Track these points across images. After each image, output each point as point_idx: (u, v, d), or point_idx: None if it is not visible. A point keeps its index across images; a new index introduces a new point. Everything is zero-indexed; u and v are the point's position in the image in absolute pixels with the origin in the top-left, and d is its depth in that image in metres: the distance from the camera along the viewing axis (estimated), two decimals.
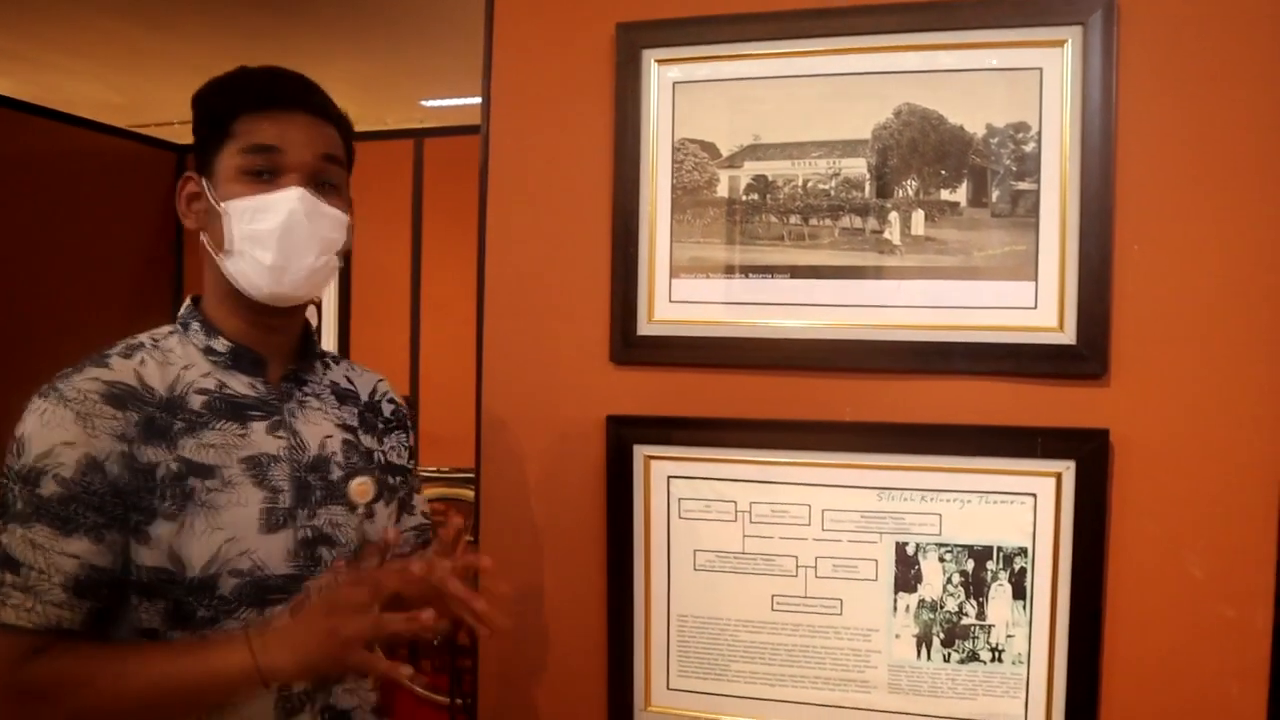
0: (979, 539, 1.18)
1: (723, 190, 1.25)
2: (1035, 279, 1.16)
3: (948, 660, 1.19)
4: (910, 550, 1.20)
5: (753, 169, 1.24)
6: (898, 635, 1.20)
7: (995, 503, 1.17)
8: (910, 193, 1.20)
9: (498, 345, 1.34)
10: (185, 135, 1.03)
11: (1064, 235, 1.14)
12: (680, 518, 1.26)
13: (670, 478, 1.26)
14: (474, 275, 1.35)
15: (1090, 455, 1.13)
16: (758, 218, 1.24)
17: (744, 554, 1.25)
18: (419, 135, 3.50)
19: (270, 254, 0.96)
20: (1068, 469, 1.14)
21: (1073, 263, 1.14)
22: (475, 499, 1.36)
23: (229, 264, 0.98)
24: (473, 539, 1.28)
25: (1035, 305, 1.16)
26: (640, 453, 1.26)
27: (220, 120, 0.98)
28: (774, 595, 1.24)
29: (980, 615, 1.18)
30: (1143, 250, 1.13)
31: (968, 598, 1.18)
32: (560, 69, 1.31)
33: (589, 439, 1.29)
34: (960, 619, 1.19)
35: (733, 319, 1.24)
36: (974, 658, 1.18)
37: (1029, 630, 1.16)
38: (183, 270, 3.55)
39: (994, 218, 1.17)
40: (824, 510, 1.22)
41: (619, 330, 1.27)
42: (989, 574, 1.18)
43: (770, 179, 1.24)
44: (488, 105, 1.34)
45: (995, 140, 1.17)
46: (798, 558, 1.23)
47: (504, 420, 1.34)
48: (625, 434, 1.26)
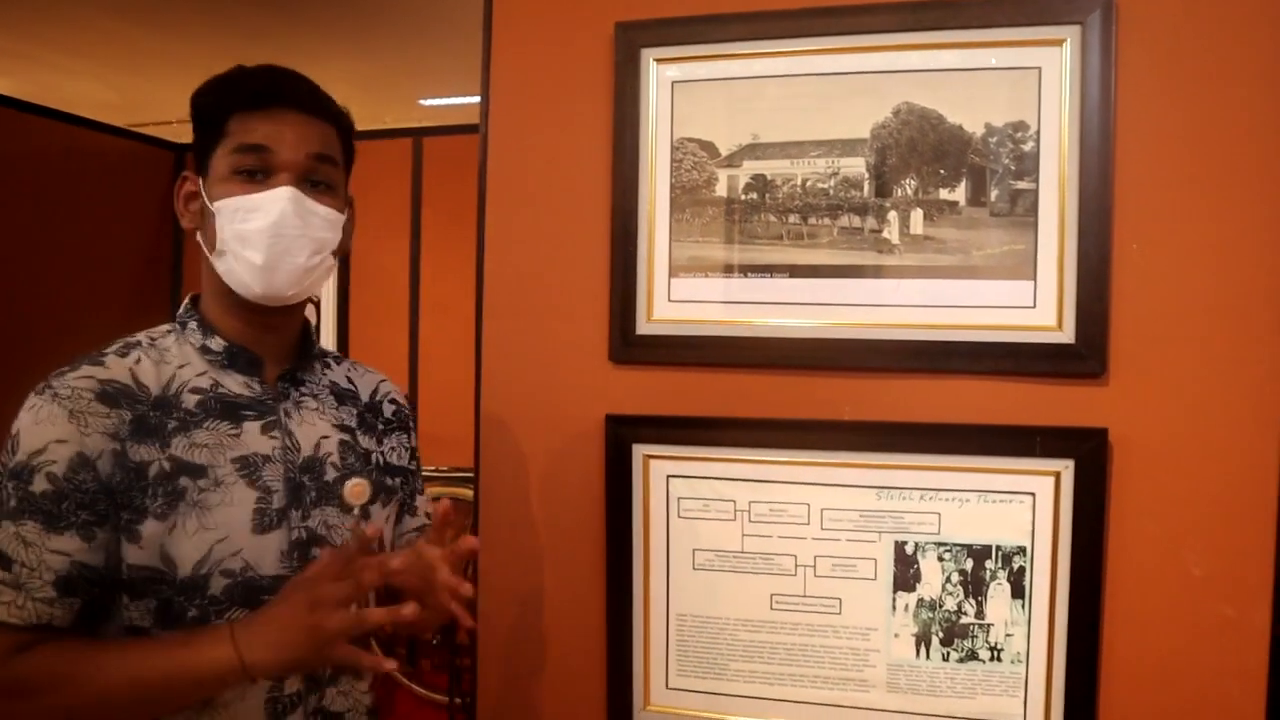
0: (978, 538, 1.18)
1: (721, 189, 1.25)
2: (1034, 278, 1.16)
3: (946, 659, 1.19)
4: (909, 549, 1.20)
5: (751, 168, 1.24)
6: (897, 634, 1.21)
7: (994, 502, 1.17)
8: (909, 192, 1.20)
9: (497, 344, 1.34)
10: (184, 134, 1.03)
11: (1063, 234, 1.15)
12: (679, 517, 1.26)
13: (669, 477, 1.26)
14: (473, 274, 1.35)
15: (1089, 454, 1.13)
16: (756, 217, 1.24)
17: (743, 553, 1.25)
18: (418, 134, 3.50)
19: (259, 254, 0.95)
20: (1066, 468, 1.14)
21: (1071, 262, 1.14)
22: (474, 498, 1.36)
23: (220, 264, 0.98)
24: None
25: (1034, 304, 1.16)
26: (639, 452, 1.26)
27: (215, 119, 0.98)
28: (773, 594, 1.24)
29: (979, 614, 1.18)
30: (1141, 249, 1.13)
31: (966, 597, 1.18)
32: (559, 68, 1.31)
33: (588, 438, 1.29)
34: (959, 618, 1.19)
35: (732, 318, 1.24)
36: (973, 657, 1.18)
37: (1028, 629, 1.17)
38: (181, 269, 3.55)
39: (993, 217, 1.17)
40: (823, 509, 1.22)
41: (618, 329, 1.27)
42: (988, 573, 1.18)
43: (769, 178, 1.24)
44: (486, 104, 1.34)
45: (994, 139, 1.17)
46: (797, 557, 1.23)
47: (503, 419, 1.34)
48: (624, 433, 1.27)
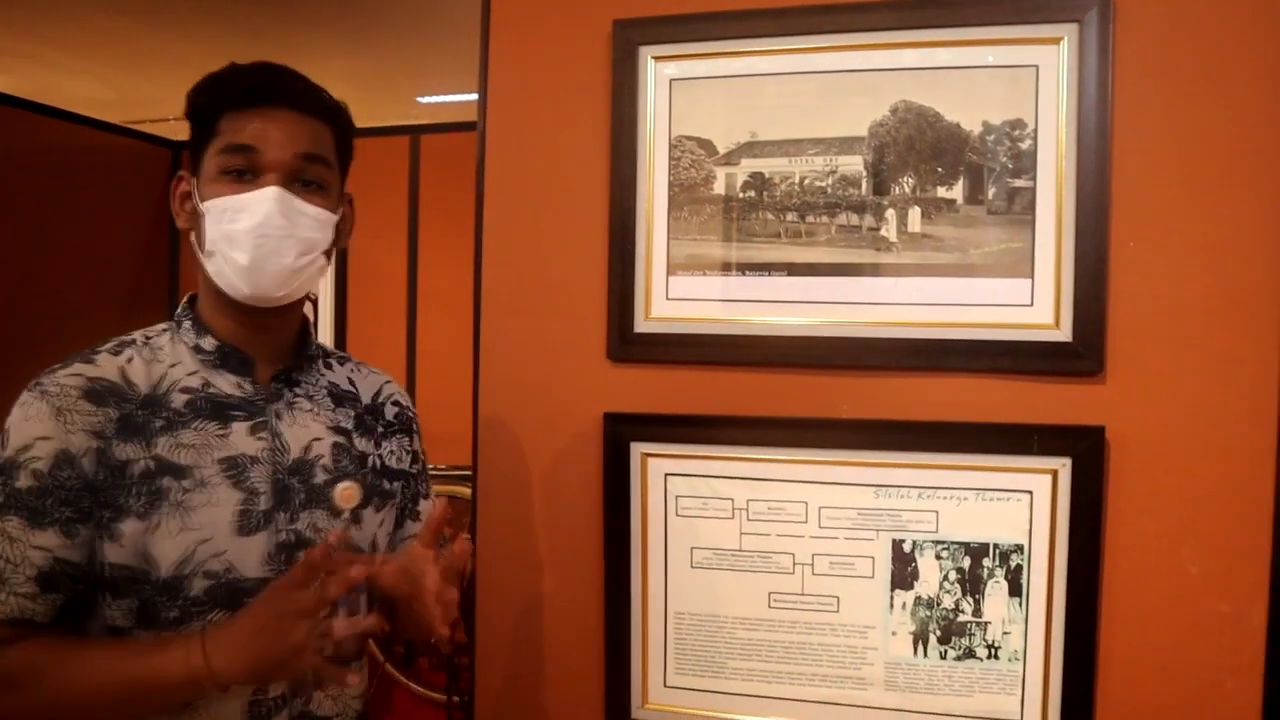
0: (975, 536, 1.18)
1: (720, 187, 1.25)
2: (1031, 276, 1.16)
3: (944, 657, 1.19)
4: (907, 547, 1.20)
5: (750, 166, 1.24)
6: (894, 632, 1.21)
7: (992, 500, 1.17)
8: (907, 190, 1.20)
9: (495, 342, 1.34)
10: (181, 132, 1.02)
11: (1060, 232, 1.15)
12: (677, 515, 1.26)
13: (667, 475, 1.26)
14: (471, 272, 1.35)
15: (1086, 452, 1.13)
16: (755, 215, 1.24)
17: (741, 551, 1.25)
18: (415, 132, 3.50)
19: (245, 255, 0.94)
20: (1064, 466, 1.14)
21: (1069, 260, 1.14)
22: (472, 496, 1.36)
23: (210, 264, 0.98)
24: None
25: (1031, 302, 1.16)
26: (637, 450, 1.26)
27: (207, 118, 0.97)
28: (771, 592, 1.24)
29: (976, 612, 1.18)
30: (1139, 247, 1.14)
31: (964, 595, 1.19)
32: (557, 65, 1.31)
33: (586, 436, 1.29)
34: (957, 616, 1.19)
35: (729, 316, 1.24)
36: (970, 654, 1.19)
37: (1025, 627, 1.17)
38: (179, 268, 3.54)
39: (990, 215, 1.17)
40: (821, 507, 1.22)
41: (616, 327, 1.27)
42: (985, 571, 1.18)
43: (767, 176, 1.24)
44: (484, 102, 1.34)
45: (991, 137, 1.17)
46: (795, 555, 1.23)
47: (501, 418, 1.34)
48: (622, 431, 1.27)
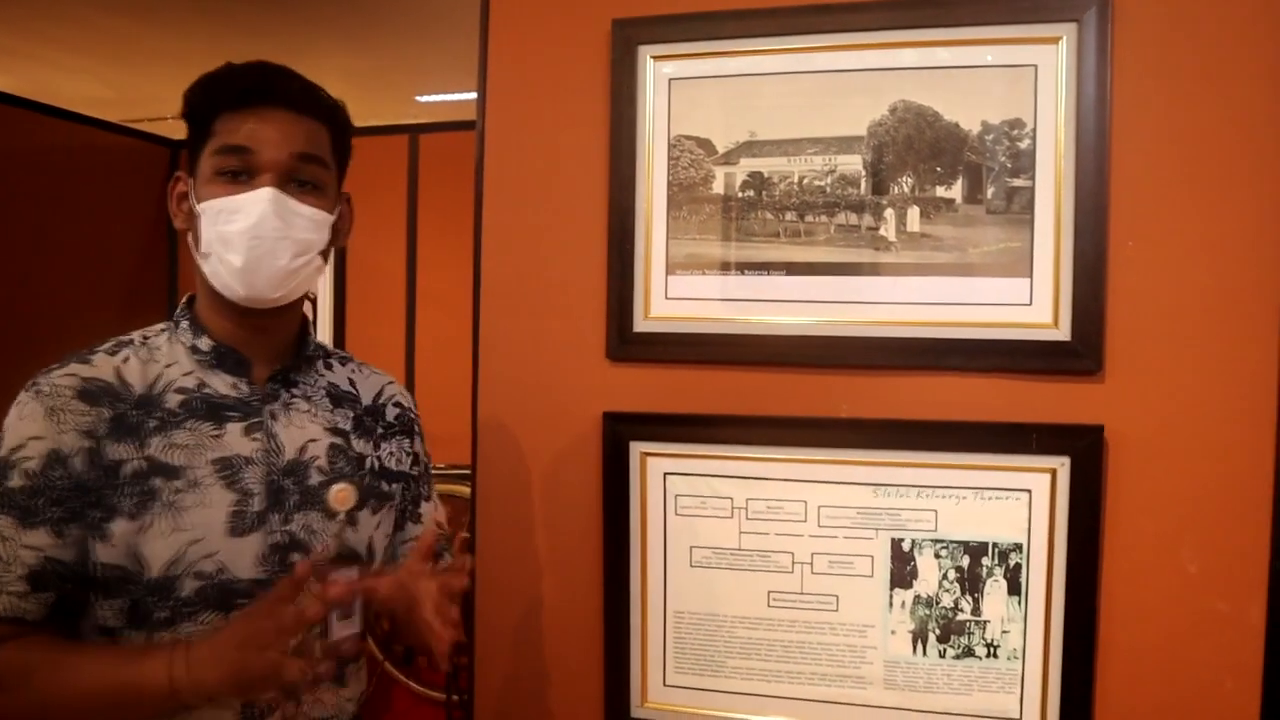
0: (974, 535, 1.18)
1: (719, 187, 1.25)
2: (1030, 275, 1.16)
3: (943, 656, 1.20)
4: (906, 546, 1.20)
5: (749, 165, 1.24)
6: (893, 631, 1.21)
7: (990, 499, 1.17)
8: (906, 189, 1.20)
9: (494, 342, 1.34)
10: (179, 130, 1.02)
11: (1059, 232, 1.15)
12: (677, 514, 1.26)
13: (667, 474, 1.26)
14: (470, 272, 1.35)
15: (1085, 451, 1.14)
16: (754, 214, 1.24)
17: (740, 550, 1.25)
18: (414, 131, 3.49)
19: (239, 256, 0.94)
20: (1062, 465, 1.14)
21: (1067, 259, 1.14)
22: (471, 496, 1.36)
23: (206, 266, 0.97)
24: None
25: (1030, 302, 1.16)
26: (636, 449, 1.26)
27: (202, 119, 0.97)
28: (770, 591, 1.24)
29: (975, 611, 1.18)
30: (1137, 247, 1.14)
31: (963, 593, 1.19)
32: (556, 65, 1.31)
33: (585, 436, 1.29)
34: (956, 615, 1.19)
35: (729, 315, 1.24)
36: (969, 653, 1.19)
37: (1024, 626, 1.17)
38: (178, 267, 3.54)
39: (989, 214, 1.18)
40: (820, 506, 1.22)
41: (615, 327, 1.27)
42: (984, 570, 1.18)
43: (766, 175, 1.24)
44: (483, 101, 1.34)
45: (990, 137, 1.17)
46: (794, 554, 1.23)
47: (500, 417, 1.34)
48: (621, 431, 1.27)
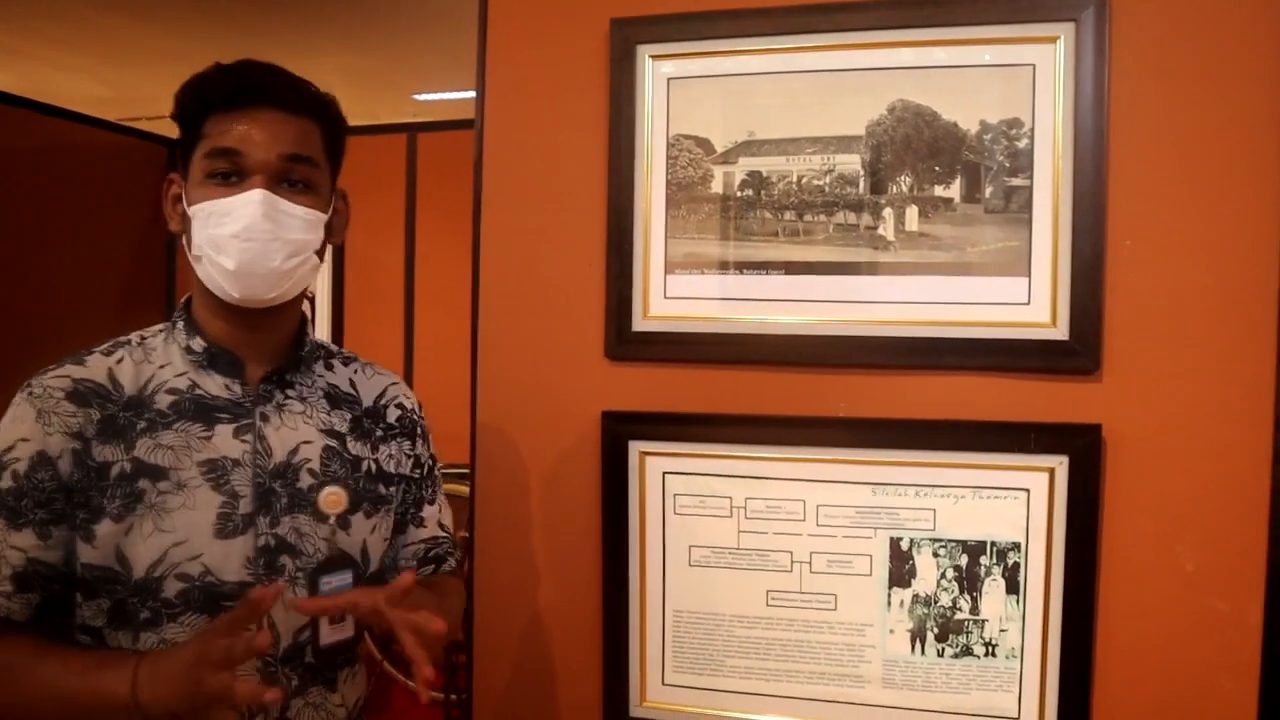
0: (973, 534, 1.18)
1: (717, 186, 1.25)
2: (1028, 274, 1.16)
3: (941, 655, 1.20)
4: (904, 545, 1.20)
5: (747, 165, 1.24)
6: (892, 630, 1.21)
7: (989, 498, 1.17)
8: (904, 189, 1.20)
9: (492, 341, 1.34)
10: (176, 129, 1.02)
11: (1057, 231, 1.15)
12: (675, 513, 1.26)
13: (665, 473, 1.26)
14: (468, 271, 1.35)
15: (1083, 450, 1.14)
16: (752, 214, 1.24)
17: (739, 549, 1.25)
18: (412, 130, 3.49)
19: (231, 259, 0.93)
20: (1061, 464, 1.15)
21: (1065, 258, 1.14)
22: (470, 495, 1.36)
23: (199, 268, 0.97)
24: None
25: (1028, 301, 1.16)
26: (635, 448, 1.26)
27: (193, 121, 0.97)
28: (769, 591, 1.24)
29: (974, 610, 1.19)
30: (1135, 246, 1.14)
31: (961, 593, 1.19)
32: (554, 64, 1.31)
33: (584, 435, 1.29)
34: (954, 614, 1.19)
35: (727, 315, 1.24)
36: (968, 652, 1.19)
37: (1022, 625, 1.17)
38: (176, 266, 3.53)
39: (987, 214, 1.18)
40: (818, 506, 1.22)
41: (614, 326, 1.27)
42: (982, 569, 1.18)
43: (765, 175, 1.24)
44: (482, 100, 1.34)
45: (989, 136, 1.17)
46: (792, 553, 1.23)
47: (499, 416, 1.34)
48: (620, 430, 1.27)
